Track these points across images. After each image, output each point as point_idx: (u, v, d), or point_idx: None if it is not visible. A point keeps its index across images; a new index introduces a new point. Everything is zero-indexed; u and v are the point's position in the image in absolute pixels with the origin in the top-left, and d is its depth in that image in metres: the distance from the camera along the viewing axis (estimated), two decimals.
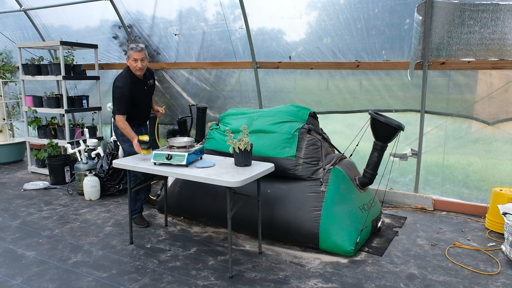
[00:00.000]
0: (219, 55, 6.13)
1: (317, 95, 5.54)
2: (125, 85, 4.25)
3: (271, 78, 5.85)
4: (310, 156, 4.04)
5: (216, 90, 6.39)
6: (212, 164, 3.69)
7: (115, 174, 5.62)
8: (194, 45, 6.29)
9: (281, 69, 5.67)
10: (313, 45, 5.34)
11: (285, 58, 5.59)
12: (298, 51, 5.51)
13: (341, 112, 5.40)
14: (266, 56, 5.73)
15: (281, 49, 5.58)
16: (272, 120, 4.31)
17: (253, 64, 5.81)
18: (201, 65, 6.32)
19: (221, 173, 3.43)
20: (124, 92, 4.23)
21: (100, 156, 5.86)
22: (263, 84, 5.92)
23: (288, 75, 5.71)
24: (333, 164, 4.07)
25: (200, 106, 5.78)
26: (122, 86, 4.26)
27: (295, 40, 5.46)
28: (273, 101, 5.91)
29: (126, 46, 6.89)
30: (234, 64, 6.03)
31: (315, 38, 5.31)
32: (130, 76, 4.32)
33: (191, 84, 6.61)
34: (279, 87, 5.85)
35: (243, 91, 6.16)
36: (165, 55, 6.66)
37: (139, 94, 4.38)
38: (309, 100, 5.61)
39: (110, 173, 5.58)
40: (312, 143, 4.10)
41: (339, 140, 5.30)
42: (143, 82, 4.42)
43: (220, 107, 6.38)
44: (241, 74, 6.10)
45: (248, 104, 6.15)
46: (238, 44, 5.88)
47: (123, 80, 4.29)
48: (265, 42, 5.67)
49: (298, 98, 5.70)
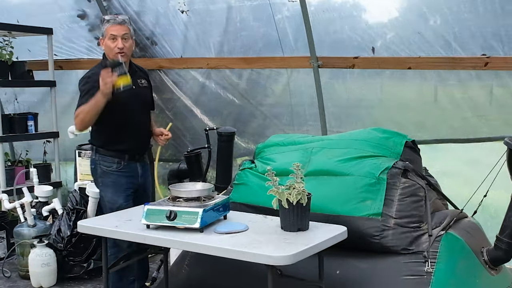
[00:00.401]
0: (255, 45, 6.29)
1: (418, 112, 5.60)
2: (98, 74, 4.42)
3: (342, 84, 5.96)
4: (407, 214, 4.08)
5: (250, 104, 6.54)
6: (244, 227, 3.78)
7: (82, 244, 5.68)
8: (213, 29, 6.47)
9: (359, 69, 5.80)
10: (412, 29, 5.43)
11: (364, 51, 5.71)
12: (387, 39, 5.62)
13: (458, 140, 5.45)
14: (332, 48, 5.86)
15: (358, 35, 5.70)
16: (343, 154, 4.38)
17: (311, 61, 5.95)
18: (225, 63, 6.51)
19: (258, 242, 3.51)
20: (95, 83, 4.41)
21: (57, 215, 5.96)
22: (329, 94, 6.03)
23: (370, 79, 5.82)
24: (445, 227, 4.09)
25: (224, 130, 5.84)
26: (91, 75, 4.56)
27: (381, 21, 5.59)
28: (345, 122, 6.01)
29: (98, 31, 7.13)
30: (280, 60, 6.19)
31: (414, 17, 5.40)
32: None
33: (208, 93, 6.78)
34: (355, 99, 5.96)
35: (295, 106, 6.29)
36: (165, 45, 6.87)
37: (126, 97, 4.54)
38: (405, 121, 5.67)
39: (74, 242, 5.65)
40: (410, 193, 4.15)
41: (455, 187, 5.29)
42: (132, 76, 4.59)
43: (257, 133, 6.52)
44: (292, 78, 6.25)
45: (304, 128, 6.25)
46: (287, 28, 6.03)
47: (95, 69, 4.59)
48: (331, 24, 5.78)
49: (387, 117, 5.77)
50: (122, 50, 4.57)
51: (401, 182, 4.17)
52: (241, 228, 3.76)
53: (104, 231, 3.93)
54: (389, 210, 4.08)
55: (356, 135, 4.59)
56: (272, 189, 3.72)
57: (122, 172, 4.75)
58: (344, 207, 4.13)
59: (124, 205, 4.67)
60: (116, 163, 4.72)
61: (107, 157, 4.74)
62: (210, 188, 3.97)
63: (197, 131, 6.75)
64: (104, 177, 4.72)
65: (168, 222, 3.73)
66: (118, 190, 4.75)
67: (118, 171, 4.74)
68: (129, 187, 4.80)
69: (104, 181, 4.73)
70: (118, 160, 4.72)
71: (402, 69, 5.60)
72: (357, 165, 4.28)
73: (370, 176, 4.16)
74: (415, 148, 4.50)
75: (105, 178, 4.72)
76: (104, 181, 4.73)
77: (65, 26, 7.27)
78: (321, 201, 4.12)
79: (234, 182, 4.71)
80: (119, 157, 4.68)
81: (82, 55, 7.39)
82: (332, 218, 4.10)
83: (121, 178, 4.77)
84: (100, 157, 4.77)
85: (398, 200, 4.12)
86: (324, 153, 4.47)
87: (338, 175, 4.27)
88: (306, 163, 4.42)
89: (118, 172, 4.74)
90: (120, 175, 4.76)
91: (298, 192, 3.64)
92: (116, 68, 4.28)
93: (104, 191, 4.75)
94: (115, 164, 4.72)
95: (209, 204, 3.82)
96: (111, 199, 4.70)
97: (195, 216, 3.71)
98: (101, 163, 4.76)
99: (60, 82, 7.30)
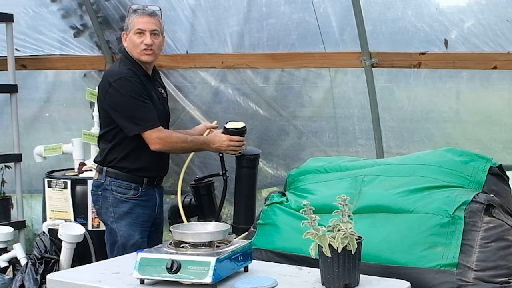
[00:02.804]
0: (287, 38, 6.37)
1: (507, 127, 5.63)
2: (134, 75, 4.89)
3: (404, 90, 6.02)
4: (491, 266, 4.05)
5: (280, 115, 6.61)
6: (272, 283, 3.78)
7: None
8: (230, 15, 6.55)
9: (426, 68, 5.84)
10: (499, 15, 5.46)
11: (434, 45, 5.76)
12: (464, 29, 5.66)
13: None
14: (391, 41, 5.93)
15: (425, 24, 5.75)
16: (405, 184, 4.41)
17: (363, 59, 6.01)
18: (246, 61, 6.59)
19: None
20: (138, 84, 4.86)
21: (20, 265, 6.06)
22: (386, 102, 6.09)
23: (442, 83, 5.87)
24: None
25: (244, 152, 5.82)
26: (129, 76, 4.88)
27: (457, 3, 5.63)
28: (408, 141, 6.06)
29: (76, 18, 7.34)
30: (320, 58, 6.25)
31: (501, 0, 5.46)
32: (135, 64, 4.95)
33: (223, 102, 6.89)
34: (422, 110, 5.99)
35: (340, 118, 6.35)
36: (166, 38, 6.79)
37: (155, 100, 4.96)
38: (489, 140, 5.71)
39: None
40: (496, 236, 4.13)
41: None
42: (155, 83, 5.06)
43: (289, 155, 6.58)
44: (337, 81, 6.32)
45: (352, 149, 6.31)
46: (330, 14, 6.09)
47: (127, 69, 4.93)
48: (389, 8, 5.84)
49: (465, 135, 5.81)
50: (151, 47, 4.90)
51: (484, 222, 4.14)
52: (267, 284, 3.77)
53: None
54: (467, 260, 4.05)
55: (423, 158, 4.60)
56: (309, 231, 3.71)
57: (139, 201, 5.02)
58: (407, 255, 4.13)
59: (141, 241, 4.90)
60: (132, 189, 4.99)
61: (122, 181, 4.99)
62: (225, 230, 3.96)
63: (208, 153, 6.76)
64: (118, 206, 4.92)
65: (170, 276, 3.71)
66: (135, 223, 4.99)
67: (135, 198, 4.98)
68: (147, 220, 5.07)
69: (118, 211, 4.91)
70: (135, 186, 4.98)
71: (485, 69, 5.63)
72: (425, 198, 4.28)
73: (442, 214, 4.16)
74: (503, 176, 4.49)
75: (118, 208, 4.90)
76: (118, 211, 4.91)
77: (30, 11, 7.38)
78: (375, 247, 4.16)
79: (259, 222, 4.73)
80: (136, 182, 4.91)
81: (53, 50, 7.52)
82: (391, 270, 4.11)
83: (138, 207, 5.02)
84: (112, 181, 5.00)
85: (479, 246, 4.09)
86: (380, 182, 4.50)
87: (399, 213, 4.29)
88: (356, 196, 4.44)
89: (134, 200, 4.99)
90: (137, 204, 5.01)
91: (345, 235, 3.64)
92: (244, 133, 4.55)
93: (118, 223, 4.93)
94: (132, 190, 4.99)
95: (224, 252, 3.80)
96: (125, 233, 4.88)
97: (205, 267, 3.68)
98: (113, 189, 4.99)
99: (23, 87, 7.38)
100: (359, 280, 3.75)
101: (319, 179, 4.76)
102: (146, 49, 4.87)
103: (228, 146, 5.04)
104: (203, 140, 5.10)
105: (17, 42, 7.27)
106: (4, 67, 7.18)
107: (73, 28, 7.29)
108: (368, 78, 6.04)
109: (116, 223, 4.97)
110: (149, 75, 5.04)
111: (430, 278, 4.05)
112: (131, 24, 4.91)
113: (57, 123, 7.93)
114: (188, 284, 3.71)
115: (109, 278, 3.95)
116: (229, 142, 5.02)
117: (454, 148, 4.64)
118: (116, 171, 4.99)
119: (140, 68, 4.95)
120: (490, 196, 4.22)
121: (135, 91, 4.84)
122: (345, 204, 3.73)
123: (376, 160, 4.96)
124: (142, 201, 5.01)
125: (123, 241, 4.91)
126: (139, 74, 4.92)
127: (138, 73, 4.92)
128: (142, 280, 3.77)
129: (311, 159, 5.05)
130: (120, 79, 4.86)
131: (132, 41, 4.91)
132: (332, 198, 3.88)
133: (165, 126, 5.15)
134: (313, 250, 3.71)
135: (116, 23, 7.07)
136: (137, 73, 4.92)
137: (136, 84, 4.86)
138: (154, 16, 4.95)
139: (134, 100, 4.81)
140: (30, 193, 7.65)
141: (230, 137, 5.05)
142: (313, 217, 3.73)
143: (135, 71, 4.92)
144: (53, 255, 5.84)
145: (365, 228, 4.09)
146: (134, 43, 4.89)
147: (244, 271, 4.01)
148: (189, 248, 3.87)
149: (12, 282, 5.89)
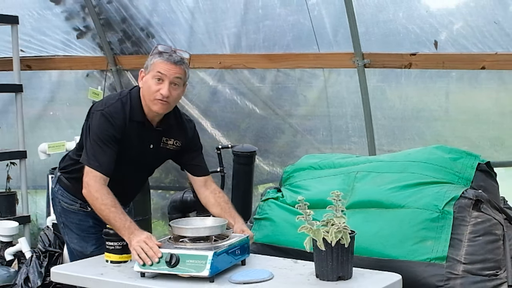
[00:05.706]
0: (283, 39, 6.38)
1: (494, 125, 5.66)
2: (117, 115, 4.18)
3: (395, 90, 6.03)
4: (479, 259, 4.06)
5: (276, 114, 6.63)
6: (268, 275, 3.79)
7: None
8: (228, 17, 6.56)
9: (417, 69, 5.85)
10: (486, 17, 5.46)
11: (425, 46, 5.77)
12: (453, 31, 5.67)
13: None
14: (383, 42, 5.94)
15: (416, 25, 5.76)
16: (397, 180, 4.41)
17: (355, 59, 6.01)
18: (243, 61, 6.60)
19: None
20: (111, 125, 4.15)
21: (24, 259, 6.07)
22: (378, 101, 6.11)
23: (432, 83, 5.88)
24: None
25: (241, 150, 5.93)
26: (110, 114, 4.15)
27: (447, 6, 5.63)
28: (399, 138, 6.07)
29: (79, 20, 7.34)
30: (314, 58, 6.26)
31: (490, 1, 5.43)
32: (134, 107, 4.26)
33: (221, 101, 6.89)
34: (412, 109, 6.02)
35: (334, 117, 6.37)
36: (165, 38, 6.99)
37: (134, 148, 4.31)
38: (478, 137, 5.72)
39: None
40: (484, 230, 4.13)
41: None
42: (153, 133, 4.35)
43: (285, 153, 6.59)
44: (330, 81, 6.33)
45: (345, 146, 6.32)
46: (324, 16, 6.10)
47: (117, 106, 4.21)
48: (381, 10, 5.85)
49: (454, 132, 5.83)
50: (166, 100, 4.16)
51: (472, 217, 4.15)
52: (264, 276, 3.77)
53: (85, 281, 3.90)
54: (456, 253, 4.06)
55: (414, 155, 4.61)
56: (304, 226, 3.72)
57: (87, 212, 4.46)
58: (398, 249, 4.14)
59: (97, 251, 4.39)
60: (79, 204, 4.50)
61: (69, 194, 4.53)
62: (223, 225, 3.99)
63: (206, 150, 6.64)
64: (65, 216, 4.53)
65: (169, 269, 3.73)
66: (85, 234, 4.52)
67: (83, 210, 4.50)
68: (99, 230, 4.36)
69: (66, 222, 4.53)
70: (82, 204, 4.46)
71: (473, 69, 5.64)
72: (415, 194, 4.28)
73: (432, 209, 4.16)
74: (491, 172, 4.49)
75: (66, 218, 4.52)
76: (66, 222, 4.53)
77: (34, 13, 7.36)
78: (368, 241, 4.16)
79: (255, 217, 4.75)
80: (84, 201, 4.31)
81: (57, 51, 7.51)
82: (383, 263, 4.12)
83: (88, 218, 4.50)
84: (60, 189, 4.56)
85: (468, 240, 4.10)
86: (372, 178, 4.50)
87: (391, 208, 4.29)
88: (349, 192, 4.44)
89: (83, 212, 4.51)
90: (86, 215, 4.50)
91: (338, 230, 3.65)
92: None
93: (68, 234, 4.55)
94: (78, 204, 4.50)
95: (222, 246, 3.81)
96: (77, 245, 4.51)
97: (203, 261, 3.69)
98: (60, 198, 4.56)
99: (28, 87, 7.36)
100: (352, 272, 3.76)
101: (313, 175, 4.76)
102: (161, 100, 4.13)
103: (138, 242, 3.84)
104: (128, 225, 3.99)
105: (22, 43, 7.27)
106: (9, 68, 7.17)
107: (76, 30, 7.27)
108: (361, 78, 6.04)
109: (66, 235, 4.56)
110: (148, 124, 4.32)
111: (421, 271, 4.06)
112: (151, 65, 4.18)
113: (61, 122, 7.91)
114: (187, 277, 3.71)
115: (111, 271, 3.96)
116: (142, 244, 3.82)
117: (443, 145, 4.65)
118: (68, 183, 4.51)
119: (141, 114, 4.27)
120: (479, 192, 4.23)
121: (103, 132, 4.16)
122: (339, 199, 3.75)
123: (368, 157, 4.97)
124: (91, 212, 4.27)
125: (78, 254, 4.47)
126: (132, 119, 4.25)
127: (133, 118, 4.25)
128: (143, 273, 3.79)
129: (305, 156, 5.04)
130: (101, 112, 4.20)
131: (147, 85, 4.17)
132: (326, 193, 3.88)
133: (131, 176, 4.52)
134: (308, 244, 3.72)
135: (118, 25, 7.04)
136: (129, 117, 4.25)
137: (111, 126, 4.17)
138: (181, 66, 4.15)
139: (95, 138, 4.14)
140: (34, 189, 7.65)
141: (148, 239, 3.87)
142: (307, 212, 3.74)
143: (126, 115, 4.24)
144: (57, 249, 5.82)
145: (358, 223, 4.10)
146: (150, 88, 4.14)
147: (242, 264, 4.01)
148: (188, 242, 3.87)
149: (17, 274, 5.88)
